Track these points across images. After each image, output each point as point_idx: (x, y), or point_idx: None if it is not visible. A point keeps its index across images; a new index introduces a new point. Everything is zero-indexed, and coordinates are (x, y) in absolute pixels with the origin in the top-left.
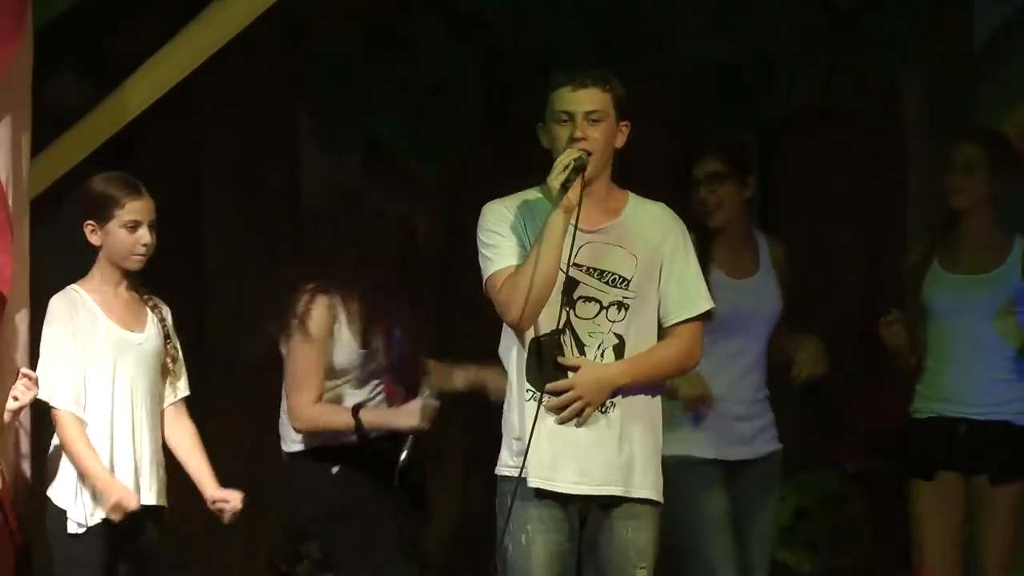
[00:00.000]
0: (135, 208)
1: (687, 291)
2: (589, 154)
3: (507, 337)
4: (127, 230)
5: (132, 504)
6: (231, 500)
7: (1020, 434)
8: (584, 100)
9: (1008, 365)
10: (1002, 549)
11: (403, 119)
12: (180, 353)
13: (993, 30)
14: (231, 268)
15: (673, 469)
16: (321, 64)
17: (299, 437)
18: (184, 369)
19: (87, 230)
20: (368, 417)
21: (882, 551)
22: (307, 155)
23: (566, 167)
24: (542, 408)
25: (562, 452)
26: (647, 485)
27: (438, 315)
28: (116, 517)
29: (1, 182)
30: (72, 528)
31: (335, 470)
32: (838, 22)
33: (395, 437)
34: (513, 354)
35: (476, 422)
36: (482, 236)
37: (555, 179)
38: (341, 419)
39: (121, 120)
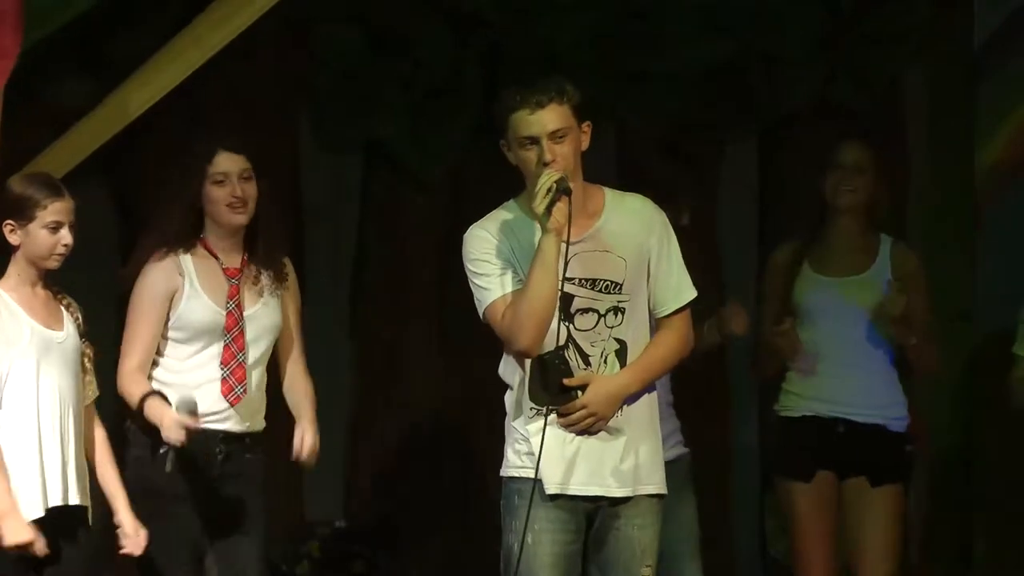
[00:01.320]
0: (57, 209)
1: (676, 282)
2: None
3: (508, 356)
4: (48, 231)
5: (31, 544)
6: (131, 539)
7: (895, 440)
8: (546, 121)
9: (882, 367)
10: (891, 548)
11: (404, 119)
12: (92, 352)
13: (993, 30)
14: None
15: None
16: (322, 64)
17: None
18: (94, 369)
19: (6, 230)
20: (150, 407)
21: None
22: (308, 155)
23: (548, 190)
24: (549, 419)
25: (573, 457)
26: (655, 481)
27: (438, 318)
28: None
29: None
30: None
31: (162, 450)
32: (839, 21)
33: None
34: (516, 375)
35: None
36: (471, 266)
37: (540, 204)
38: (135, 394)
39: (122, 121)
